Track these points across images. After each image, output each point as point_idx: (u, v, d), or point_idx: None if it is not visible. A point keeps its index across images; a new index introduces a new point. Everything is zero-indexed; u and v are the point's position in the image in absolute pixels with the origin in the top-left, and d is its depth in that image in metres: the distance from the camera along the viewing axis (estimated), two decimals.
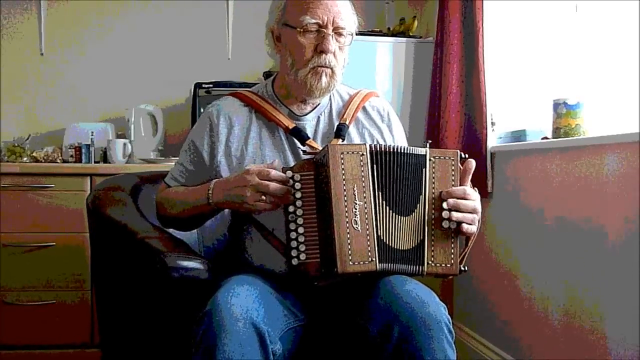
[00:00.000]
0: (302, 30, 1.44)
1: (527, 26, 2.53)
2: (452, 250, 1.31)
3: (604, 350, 1.79)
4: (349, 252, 1.24)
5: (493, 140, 2.49)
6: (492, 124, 2.50)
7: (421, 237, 1.31)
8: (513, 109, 2.53)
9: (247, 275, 1.38)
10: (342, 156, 1.28)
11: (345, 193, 1.26)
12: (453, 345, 1.24)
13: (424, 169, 1.33)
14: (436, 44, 2.67)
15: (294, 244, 1.29)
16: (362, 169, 1.28)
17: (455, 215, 1.31)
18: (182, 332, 1.30)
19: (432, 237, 1.31)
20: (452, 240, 1.32)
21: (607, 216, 1.79)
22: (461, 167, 1.36)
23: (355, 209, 1.26)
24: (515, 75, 2.54)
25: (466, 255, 1.36)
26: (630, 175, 1.69)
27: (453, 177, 1.34)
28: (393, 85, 2.81)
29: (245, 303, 1.21)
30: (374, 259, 1.25)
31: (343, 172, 1.27)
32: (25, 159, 2.84)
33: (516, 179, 2.29)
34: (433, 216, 1.31)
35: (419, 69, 2.82)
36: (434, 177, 1.33)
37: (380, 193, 1.30)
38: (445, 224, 1.31)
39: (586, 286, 1.89)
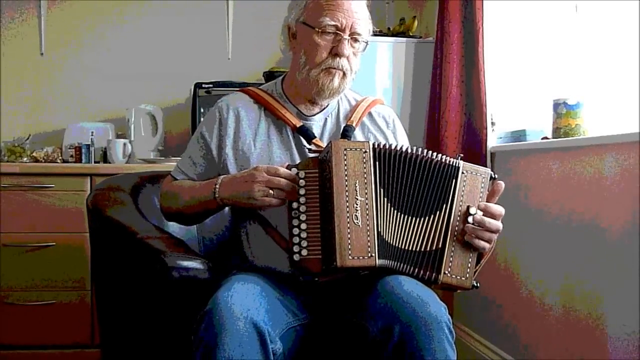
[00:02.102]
0: (320, 30, 1.45)
1: (527, 26, 2.53)
2: (469, 265, 1.32)
3: (604, 349, 1.79)
4: (349, 246, 1.24)
5: (493, 140, 2.49)
6: (492, 124, 2.50)
7: (440, 245, 1.32)
8: (513, 109, 2.53)
9: (247, 274, 1.39)
10: (345, 152, 1.29)
11: (347, 188, 1.27)
12: (453, 345, 1.24)
13: (454, 180, 1.34)
14: (436, 44, 2.67)
15: (296, 239, 1.30)
16: (365, 165, 1.29)
17: (481, 233, 1.32)
18: (182, 331, 1.30)
19: (453, 248, 1.32)
20: (471, 255, 1.33)
21: (607, 216, 1.79)
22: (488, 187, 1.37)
23: (357, 204, 1.27)
24: (515, 75, 2.54)
25: (478, 271, 1.37)
26: (630, 175, 1.69)
27: (481, 194, 1.36)
28: (393, 85, 2.81)
29: (245, 302, 1.21)
30: (373, 255, 1.26)
31: (345, 167, 1.28)
32: (25, 159, 2.85)
33: (516, 179, 2.29)
34: (457, 228, 1.32)
35: (419, 69, 2.82)
36: (463, 191, 1.34)
37: (382, 190, 1.31)
38: (467, 238, 1.32)
39: (586, 285, 1.89)
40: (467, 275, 1.32)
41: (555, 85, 2.45)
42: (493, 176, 1.38)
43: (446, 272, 1.31)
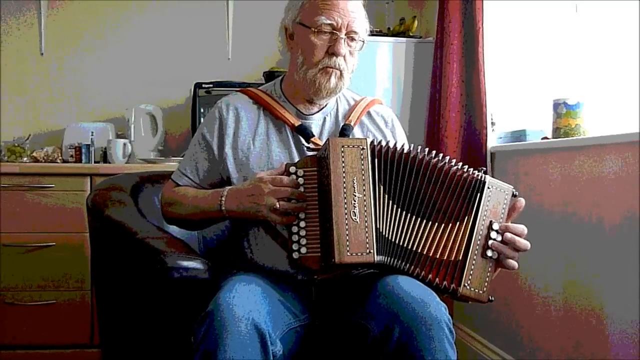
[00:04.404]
0: (316, 30, 1.45)
1: (527, 26, 2.53)
2: (487, 279, 1.33)
3: (605, 345, 1.79)
4: (347, 242, 1.24)
5: (493, 140, 2.49)
6: (492, 124, 2.50)
7: (460, 257, 1.32)
8: (513, 109, 2.53)
9: (249, 275, 1.39)
10: (342, 149, 1.29)
11: (344, 185, 1.27)
12: (454, 345, 1.24)
13: (478, 194, 1.34)
14: (436, 44, 2.67)
15: (295, 237, 1.31)
16: (363, 162, 1.30)
17: (506, 250, 1.33)
18: (182, 332, 1.30)
19: (474, 261, 1.32)
20: (490, 269, 1.34)
21: (607, 216, 1.79)
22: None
23: (355, 201, 1.27)
24: (515, 75, 2.54)
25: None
26: (630, 175, 1.69)
27: (503, 210, 1.36)
28: (393, 85, 2.81)
29: (247, 304, 1.21)
30: (371, 251, 1.25)
31: (343, 164, 1.28)
32: (25, 159, 2.84)
33: (516, 179, 2.29)
34: (479, 242, 1.33)
35: (419, 69, 2.82)
36: (487, 205, 1.34)
37: (382, 187, 1.31)
38: (489, 253, 1.33)
39: (587, 284, 1.89)
40: (485, 289, 1.32)
41: (555, 85, 2.45)
42: (515, 193, 1.39)
43: (466, 284, 1.31)
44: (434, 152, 1.37)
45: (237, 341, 1.16)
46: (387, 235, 1.30)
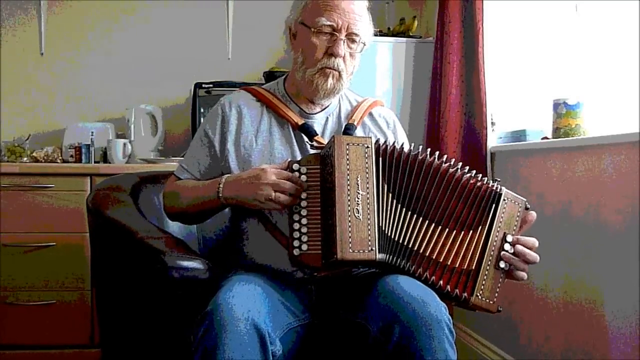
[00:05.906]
0: (315, 30, 1.46)
1: (527, 26, 2.53)
2: (498, 289, 1.34)
3: (605, 343, 1.79)
4: (349, 239, 1.25)
5: (493, 140, 2.49)
6: (492, 124, 2.50)
7: (473, 266, 1.33)
8: (513, 109, 2.54)
9: (248, 275, 1.39)
10: (347, 147, 1.30)
11: (348, 182, 1.28)
12: (454, 345, 1.24)
13: (494, 205, 1.35)
14: (436, 44, 2.67)
15: (296, 234, 1.31)
16: (367, 160, 1.30)
17: (518, 263, 1.34)
18: (182, 331, 1.30)
19: (487, 272, 1.33)
20: (500, 280, 1.35)
21: (607, 216, 1.79)
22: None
23: (358, 198, 1.27)
24: (515, 75, 2.54)
25: None
26: (629, 175, 1.69)
27: (516, 222, 1.37)
28: (393, 85, 2.81)
29: (246, 303, 1.21)
30: (373, 248, 1.25)
31: (347, 162, 1.29)
32: (25, 159, 2.84)
33: (516, 179, 2.29)
34: (492, 253, 1.34)
35: (419, 69, 2.82)
36: (502, 217, 1.35)
37: (385, 185, 1.31)
38: (502, 264, 1.34)
39: (586, 285, 1.89)
40: (495, 299, 1.34)
41: (555, 85, 2.45)
42: (527, 206, 1.40)
43: (478, 294, 1.32)
44: (445, 157, 1.37)
45: (236, 341, 1.16)
46: (389, 234, 1.30)
